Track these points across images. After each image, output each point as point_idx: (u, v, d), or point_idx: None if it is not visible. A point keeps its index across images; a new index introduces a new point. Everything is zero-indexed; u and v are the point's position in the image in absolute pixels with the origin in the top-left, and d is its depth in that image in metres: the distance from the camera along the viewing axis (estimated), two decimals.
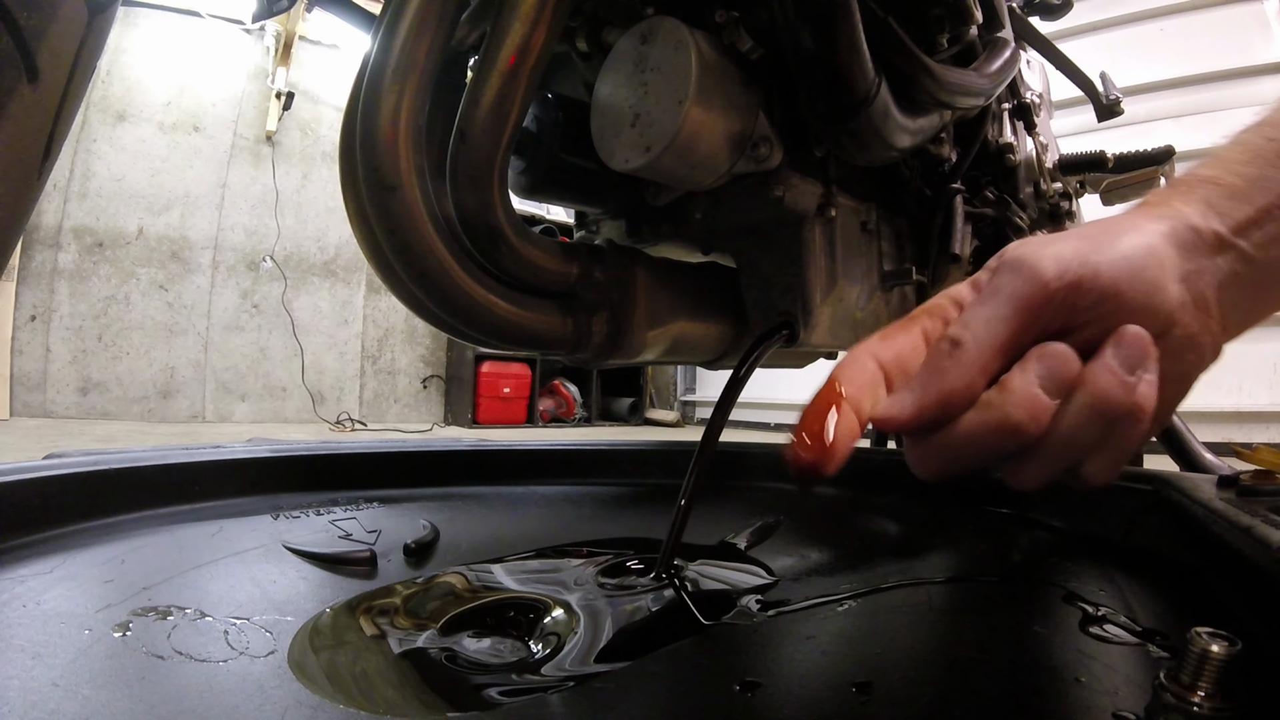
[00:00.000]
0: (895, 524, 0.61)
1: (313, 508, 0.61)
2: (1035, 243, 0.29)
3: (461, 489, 0.72)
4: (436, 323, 0.58)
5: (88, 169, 3.23)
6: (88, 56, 0.34)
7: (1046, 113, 0.99)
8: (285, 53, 3.60)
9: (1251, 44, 2.97)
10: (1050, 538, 0.57)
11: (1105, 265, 0.27)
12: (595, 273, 0.60)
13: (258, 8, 0.75)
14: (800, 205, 0.61)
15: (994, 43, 0.68)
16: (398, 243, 0.50)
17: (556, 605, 0.41)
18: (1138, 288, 0.27)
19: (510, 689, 0.32)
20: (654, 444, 0.86)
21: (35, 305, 3.13)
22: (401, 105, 0.49)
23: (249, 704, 0.28)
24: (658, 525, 0.57)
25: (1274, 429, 2.77)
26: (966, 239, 0.73)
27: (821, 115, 0.55)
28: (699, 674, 0.34)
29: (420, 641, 0.37)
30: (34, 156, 0.32)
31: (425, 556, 0.51)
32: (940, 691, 0.31)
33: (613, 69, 0.57)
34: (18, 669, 0.29)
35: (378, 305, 4.03)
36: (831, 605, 0.41)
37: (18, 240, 0.43)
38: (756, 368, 0.60)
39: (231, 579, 0.44)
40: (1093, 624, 0.36)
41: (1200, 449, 1.02)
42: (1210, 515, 0.39)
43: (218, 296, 3.55)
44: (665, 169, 0.55)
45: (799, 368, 0.83)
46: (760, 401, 4.43)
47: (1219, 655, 0.23)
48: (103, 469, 0.55)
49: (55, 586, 0.39)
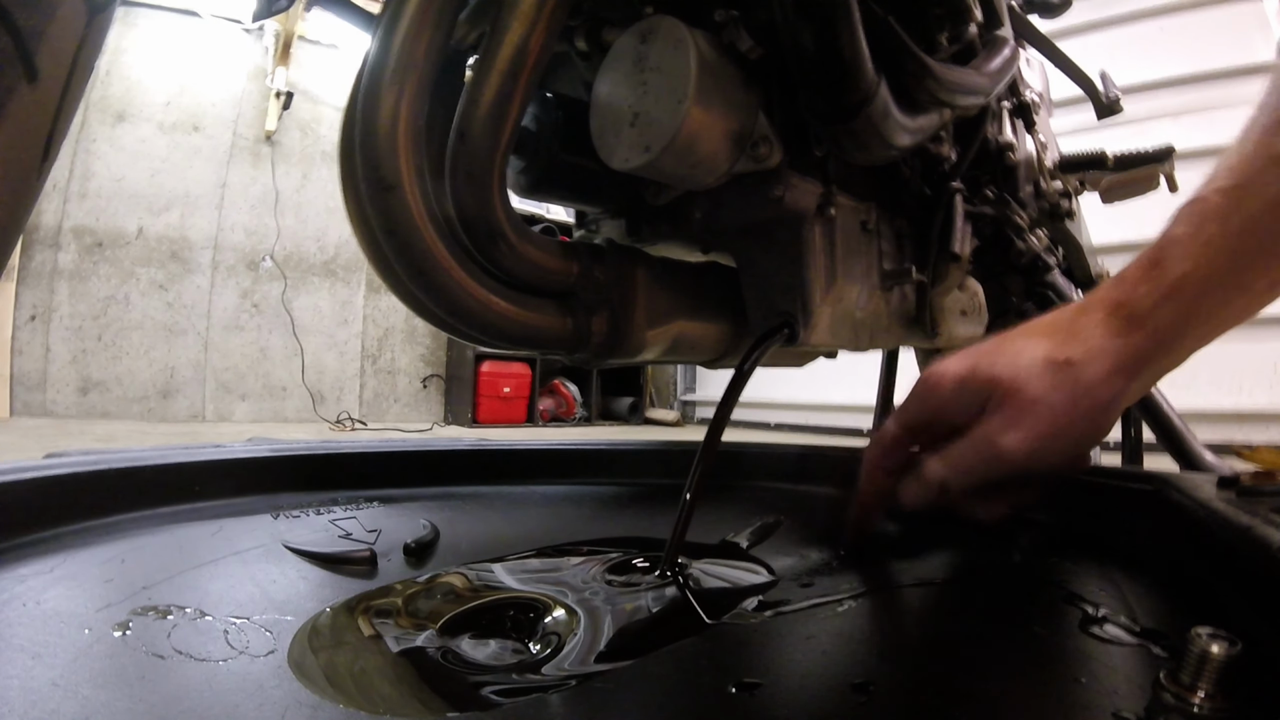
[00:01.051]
0: (895, 524, 0.61)
1: (313, 507, 0.61)
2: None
3: (461, 489, 0.72)
4: (436, 322, 0.58)
5: (87, 169, 3.23)
6: (87, 56, 0.34)
7: (1046, 111, 0.99)
8: (285, 52, 3.60)
9: (1251, 43, 2.97)
10: (1050, 538, 0.57)
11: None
12: (595, 272, 0.60)
13: (257, 7, 0.75)
14: (800, 205, 0.61)
15: (993, 41, 0.68)
16: (398, 243, 0.50)
17: (558, 605, 0.41)
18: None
19: (510, 688, 0.32)
20: (654, 444, 0.86)
21: (35, 305, 3.13)
22: (401, 105, 0.49)
23: (249, 704, 0.28)
24: (658, 525, 0.57)
25: (1274, 429, 2.77)
26: (966, 238, 0.72)
27: (821, 115, 0.55)
28: (699, 674, 0.34)
29: (420, 641, 0.37)
30: (33, 156, 0.32)
31: (425, 556, 0.51)
32: (940, 691, 0.31)
33: (612, 68, 0.57)
34: (18, 669, 0.29)
35: (378, 305, 4.03)
36: (831, 605, 0.41)
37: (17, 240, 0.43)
38: (757, 367, 0.60)
39: (231, 579, 0.44)
40: (1093, 624, 0.36)
41: (1200, 449, 1.02)
42: (1210, 515, 0.39)
43: (217, 296, 3.55)
44: (665, 168, 0.54)
45: (798, 367, 0.83)
46: (760, 401, 4.43)
47: (1219, 655, 0.23)
48: (103, 469, 0.55)
49: (55, 586, 0.39)
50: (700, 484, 0.50)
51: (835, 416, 4.10)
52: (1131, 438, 1.12)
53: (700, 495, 0.49)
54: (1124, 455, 1.12)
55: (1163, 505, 0.48)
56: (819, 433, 4.03)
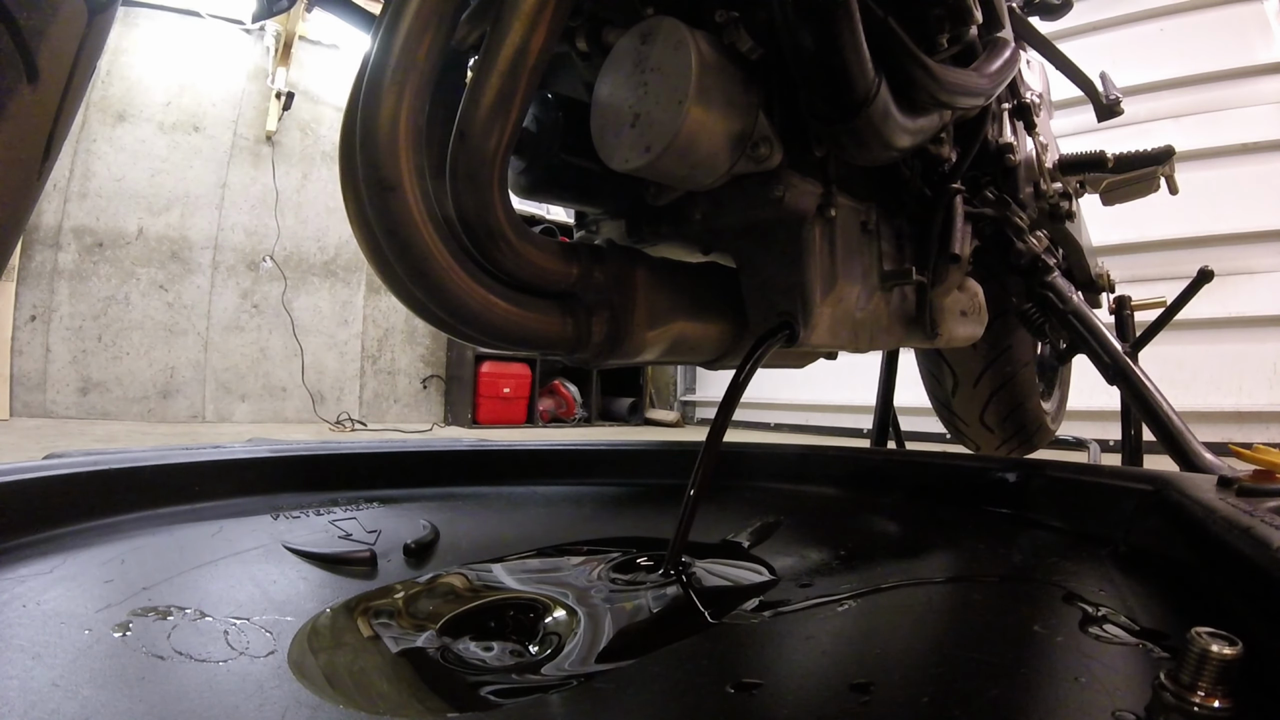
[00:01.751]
0: (895, 524, 0.61)
1: (313, 508, 0.61)
2: None
3: (461, 489, 0.72)
4: (436, 323, 0.58)
5: (88, 169, 3.23)
6: (88, 56, 0.34)
7: (1046, 113, 0.99)
8: (285, 53, 3.60)
9: (1251, 44, 2.97)
10: (1050, 538, 0.57)
11: None
12: (595, 273, 0.60)
13: (258, 8, 0.75)
14: (800, 205, 0.61)
15: (994, 43, 0.68)
16: (398, 243, 0.50)
17: (558, 605, 0.41)
18: None
19: (511, 687, 0.32)
20: (654, 444, 0.86)
21: (35, 305, 3.13)
22: (401, 105, 0.49)
23: (249, 704, 0.28)
24: (658, 525, 0.57)
25: (1274, 429, 2.77)
26: (966, 239, 0.72)
27: (821, 115, 0.55)
28: (699, 674, 0.34)
29: (420, 642, 0.37)
30: (34, 157, 0.32)
31: (425, 556, 0.51)
32: (940, 691, 0.31)
33: (613, 69, 0.57)
34: (18, 669, 0.29)
35: (378, 305, 4.03)
36: (831, 605, 0.41)
37: (18, 240, 0.43)
38: (759, 367, 0.60)
39: (231, 579, 0.44)
40: (1093, 624, 0.36)
41: (1200, 449, 1.02)
42: (1210, 515, 0.39)
43: (218, 296, 3.55)
44: (665, 169, 0.54)
45: (799, 368, 0.83)
46: (761, 402, 4.43)
47: (1219, 655, 0.23)
48: (103, 469, 0.55)
49: (55, 586, 0.39)
50: (704, 483, 0.50)
51: (835, 417, 4.10)
52: (1131, 438, 1.12)
53: (704, 494, 0.49)
54: (1124, 455, 1.12)
55: (1163, 505, 0.48)
56: (819, 433, 4.03)
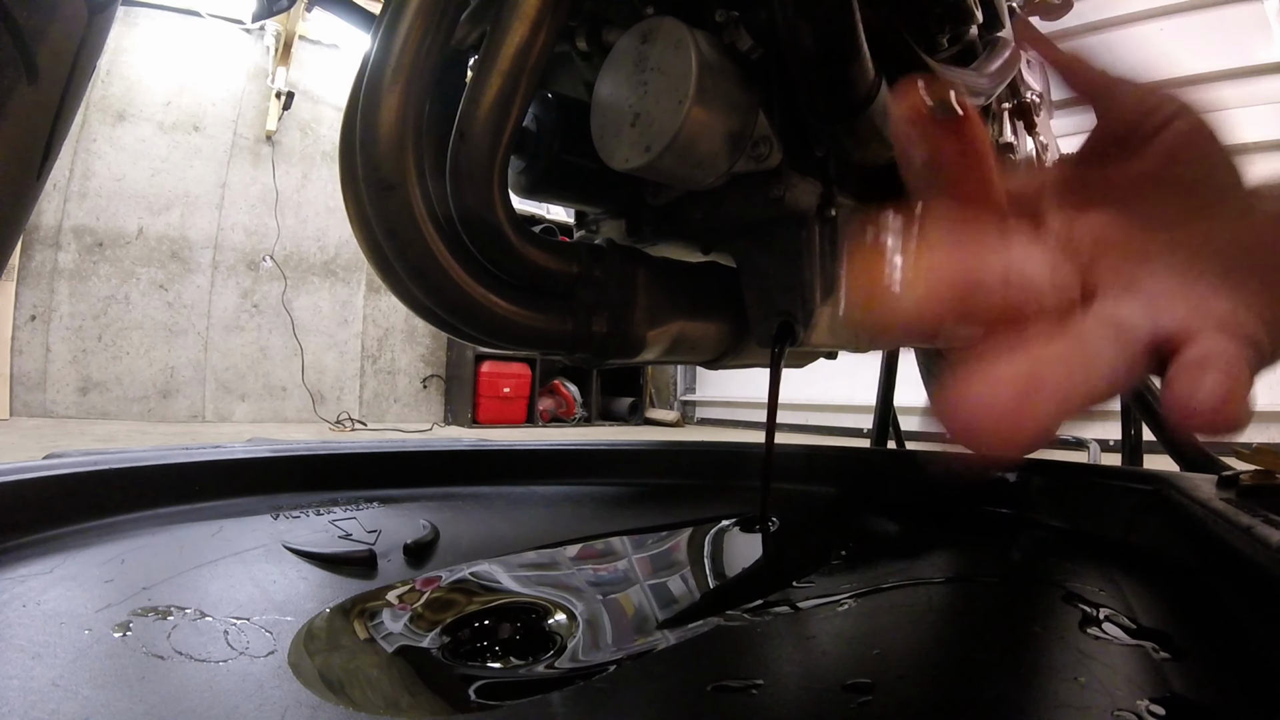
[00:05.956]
0: (895, 524, 0.61)
1: (313, 508, 0.61)
2: None
3: (461, 489, 0.72)
4: (436, 323, 0.58)
5: (88, 169, 3.23)
6: (87, 56, 0.34)
7: (1047, 112, 0.99)
8: (285, 52, 3.60)
9: (1251, 44, 2.97)
10: (1050, 538, 0.57)
11: None
12: (595, 272, 0.60)
13: (258, 7, 0.75)
14: (800, 205, 0.61)
15: (994, 42, 0.68)
16: (398, 243, 0.50)
17: (559, 608, 0.41)
18: None
19: (509, 684, 0.32)
20: (654, 444, 0.86)
21: (35, 305, 3.13)
22: (401, 105, 0.49)
23: (249, 704, 0.28)
24: (658, 524, 0.57)
25: (1274, 429, 2.77)
26: None
27: (821, 115, 0.55)
28: (698, 674, 0.34)
29: (420, 642, 0.37)
30: (34, 157, 0.32)
31: (425, 556, 0.51)
32: (940, 691, 0.31)
33: (613, 68, 0.57)
34: (18, 669, 0.29)
35: (378, 305, 4.03)
36: (831, 605, 0.41)
37: (18, 240, 0.43)
38: (757, 368, 0.60)
39: (231, 579, 0.44)
40: (1093, 624, 0.36)
41: (1200, 449, 1.02)
42: (1210, 515, 0.39)
43: (218, 296, 3.55)
44: (665, 169, 0.54)
45: (799, 367, 0.83)
46: (760, 401, 4.44)
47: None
48: (103, 469, 0.55)
49: (55, 586, 0.39)
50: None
51: (835, 416, 4.10)
52: (1131, 438, 1.12)
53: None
54: (1124, 455, 1.13)
55: (1163, 505, 0.48)
56: (819, 433, 4.03)
